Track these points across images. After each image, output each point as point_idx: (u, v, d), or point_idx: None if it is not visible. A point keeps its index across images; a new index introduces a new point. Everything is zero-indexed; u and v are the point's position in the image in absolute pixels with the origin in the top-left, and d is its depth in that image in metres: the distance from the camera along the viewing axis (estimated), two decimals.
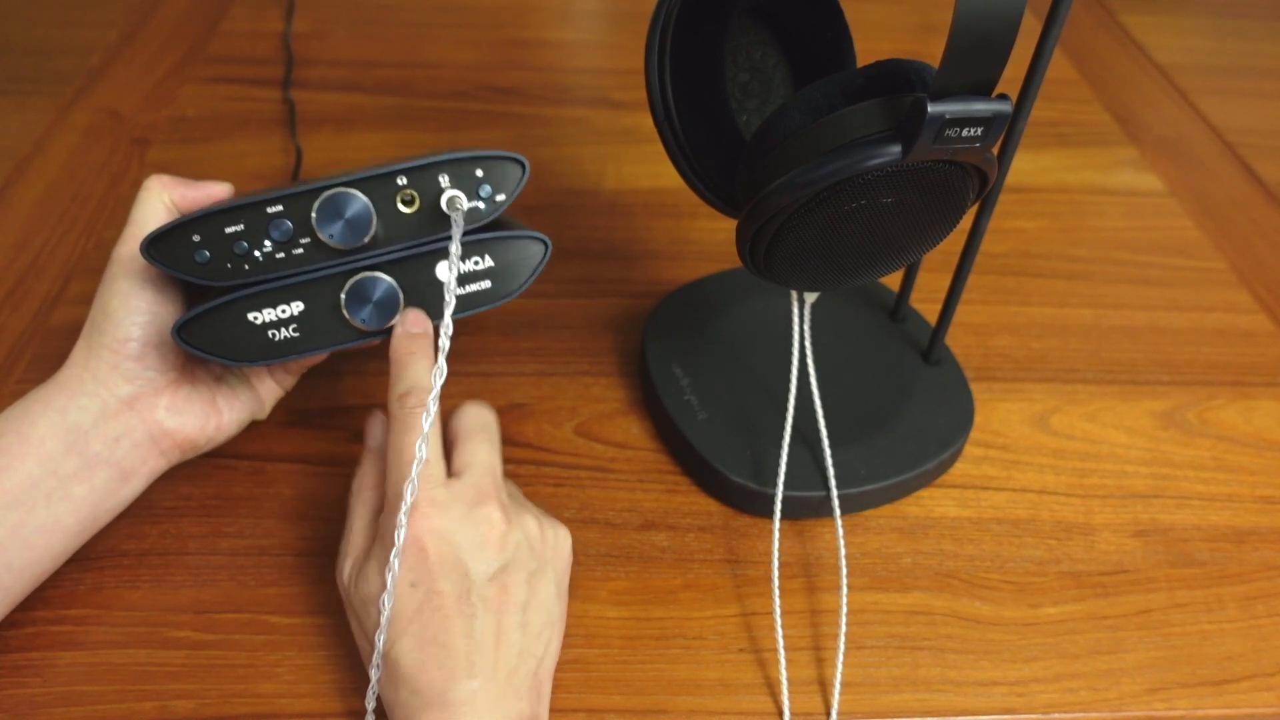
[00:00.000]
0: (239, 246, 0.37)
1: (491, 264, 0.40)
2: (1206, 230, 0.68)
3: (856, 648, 0.42)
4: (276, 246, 0.37)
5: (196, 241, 0.36)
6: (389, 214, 0.38)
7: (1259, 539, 0.48)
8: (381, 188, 0.37)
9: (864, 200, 0.34)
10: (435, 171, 0.37)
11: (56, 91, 0.73)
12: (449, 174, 0.38)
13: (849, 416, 0.48)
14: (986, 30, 0.29)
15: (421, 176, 0.37)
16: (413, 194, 0.37)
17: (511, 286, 0.41)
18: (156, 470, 0.41)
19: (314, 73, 0.77)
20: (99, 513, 0.40)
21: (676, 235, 0.64)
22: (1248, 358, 0.58)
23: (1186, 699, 0.41)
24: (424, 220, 0.38)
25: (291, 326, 0.38)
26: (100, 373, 0.39)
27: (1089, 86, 0.83)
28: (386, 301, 0.38)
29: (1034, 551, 0.47)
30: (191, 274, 0.37)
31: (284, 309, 0.38)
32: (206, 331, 0.38)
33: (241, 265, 0.37)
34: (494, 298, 0.41)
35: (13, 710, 0.38)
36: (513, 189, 0.39)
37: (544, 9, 0.89)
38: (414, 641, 0.34)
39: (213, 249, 0.37)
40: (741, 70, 0.45)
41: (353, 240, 0.37)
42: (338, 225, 0.37)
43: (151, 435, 0.40)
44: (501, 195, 0.39)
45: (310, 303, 0.38)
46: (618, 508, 0.47)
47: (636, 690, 0.40)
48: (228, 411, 0.43)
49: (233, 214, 0.36)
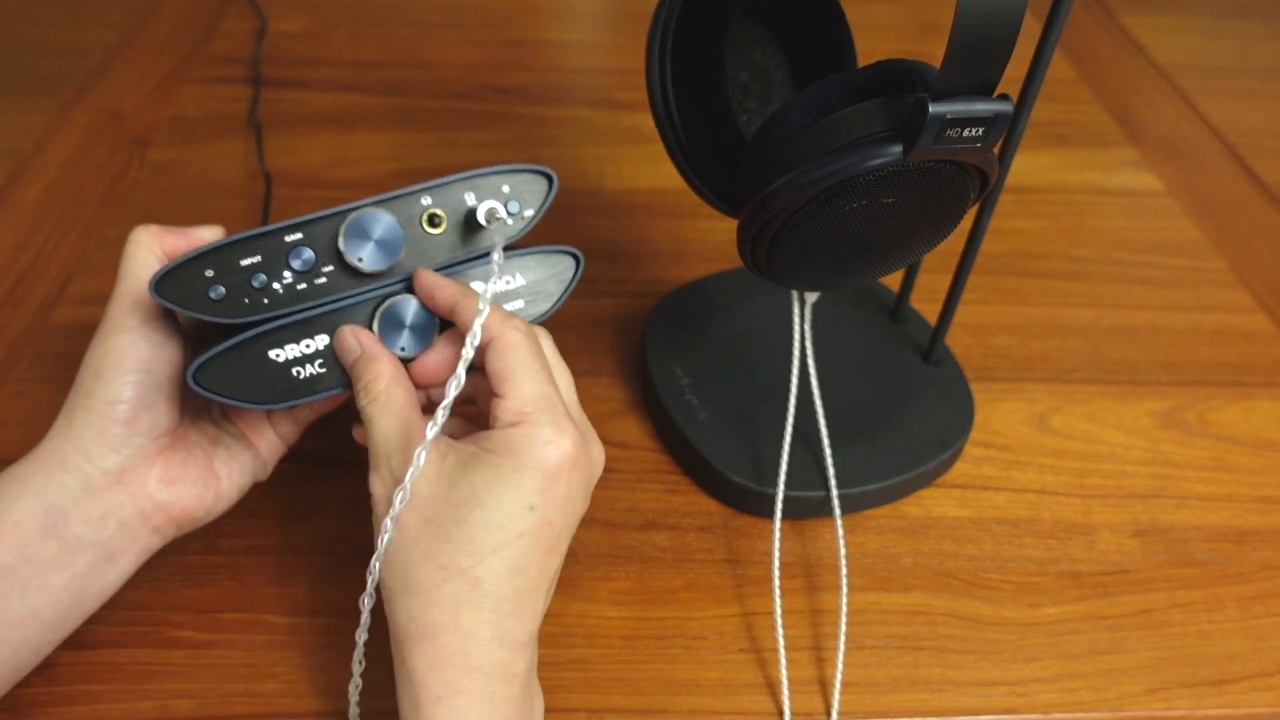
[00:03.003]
0: (257, 279, 0.34)
1: (524, 282, 0.39)
2: (1206, 230, 0.68)
3: (857, 648, 0.42)
4: (298, 277, 0.35)
5: (210, 277, 0.34)
6: (415, 236, 0.36)
7: (1259, 539, 0.48)
8: (405, 209, 0.36)
9: (865, 200, 0.34)
10: (460, 189, 0.36)
11: (57, 91, 0.73)
12: (475, 191, 0.37)
13: (849, 416, 0.48)
14: (988, 30, 0.29)
15: (446, 195, 0.36)
16: (439, 214, 0.36)
17: (545, 305, 0.40)
18: (149, 548, 0.38)
19: (313, 72, 0.77)
20: (82, 599, 0.36)
21: (676, 235, 0.64)
22: (1247, 358, 0.58)
23: (1186, 699, 0.41)
24: (451, 241, 0.37)
25: (318, 362, 0.36)
26: (84, 443, 0.35)
27: (1089, 87, 0.83)
28: (421, 325, 0.36)
29: (1034, 551, 0.47)
30: (206, 312, 0.34)
31: (308, 344, 0.36)
32: (225, 373, 0.35)
33: (261, 299, 0.35)
34: (528, 318, 0.39)
35: (13, 709, 0.38)
36: (540, 204, 0.38)
37: (544, 9, 0.89)
38: (506, 565, 0.32)
39: (228, 283, 0.34)
40: (742, 70, 0.45)
41: (383, 262, 0.35)
42: (367, 247, 0.35)
43: (142, 511, 0.36)
44: (530, 210, 0.38)
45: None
46: (618, 508, 0.47)
47: (637, 690, 0.40)
48: (227, 477, 0.39)
49: (248, 244, 0.34)
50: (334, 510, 0.46)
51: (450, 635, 0.32)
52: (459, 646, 0.32)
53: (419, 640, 0.32)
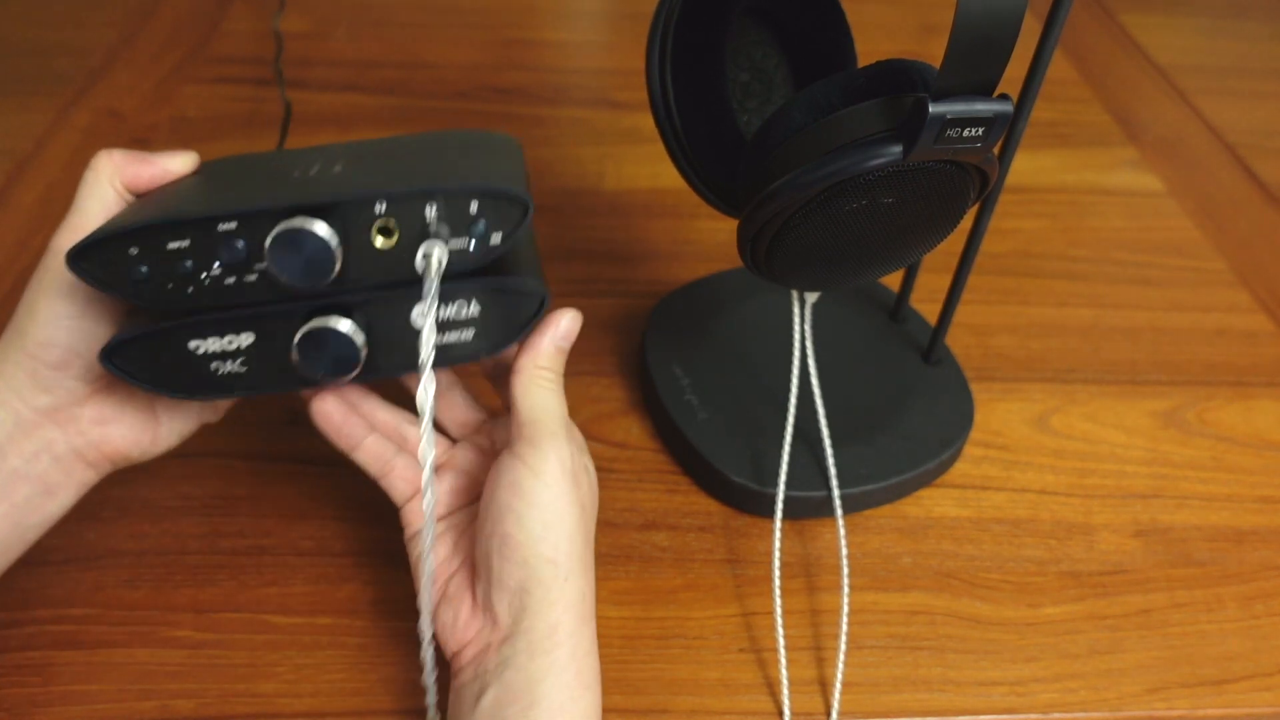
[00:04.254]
0: (183, 267, 0.31)
1: (477, 312, 0.35)
2: (1206, 230, 0.68)
3: (857, 647, 0.42)
4: (227, 271, 0.32)
5: (134, 255, 0.31)
6: (361, 245, 0.32)
7: (1259, 539, 0.48)
8: (355, 215, 0.32)
9: (865, 200, 0.34)
10: (421, 202, 0.32)
11: (57, 91, 0.73)
12: (438, 205, 0.32)
13: (849, 416, 0.48)
14: (988, 30, 0.29)
15: (405, 206, 0.32)
16: (391, 224, 0.32)
17: (498, 340, 0.36)
18: (86, 483, 0.38)
19: (314, 73, 0.77)
20: (24, 530, 0.36)
21: (676, 235, 0.64)
22: (1247, 358, 0.58)
23: (1186, 699, 0.41)
24: (402, 256, 0.33)
25: (239, 360, 0.34)
26: (16, 381, 0.35)
27: (1089, 86, 0.83)
28: (346, 351, 0.33)
29: (1034, 551, 0.47)
30: (126, 293, 0.32)
31: (231, 340, 0.33)
32: (141, 357, 0.33)
33: (185, 288, 0.32)
34: (477, 351, 0.36)
35: (13, 709, 0.38)
36: (511, 230, 0.33)
37: (544, 9, 0.89)
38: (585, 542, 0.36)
39: (153, 266, 0.31)
40: (742, 70, 0.45)
41: (309, 283, 0.32)
42: (293, 264, 0.31)
43: (75, 448, 0.36)
44: (497, 237, 0.33)
45: (263, 336, 0.34)
46: (618, 508, 0.47)
47: (637, 690, 0.40)
48: (168, 421, 0.38)
49: (179, 228, 0.31)
50: (334, 510, 0.46)
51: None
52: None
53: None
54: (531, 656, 0.34)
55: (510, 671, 0.34)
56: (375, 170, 0.35)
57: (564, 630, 0.34)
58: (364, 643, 0.41)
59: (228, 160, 0.39)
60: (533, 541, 0.34)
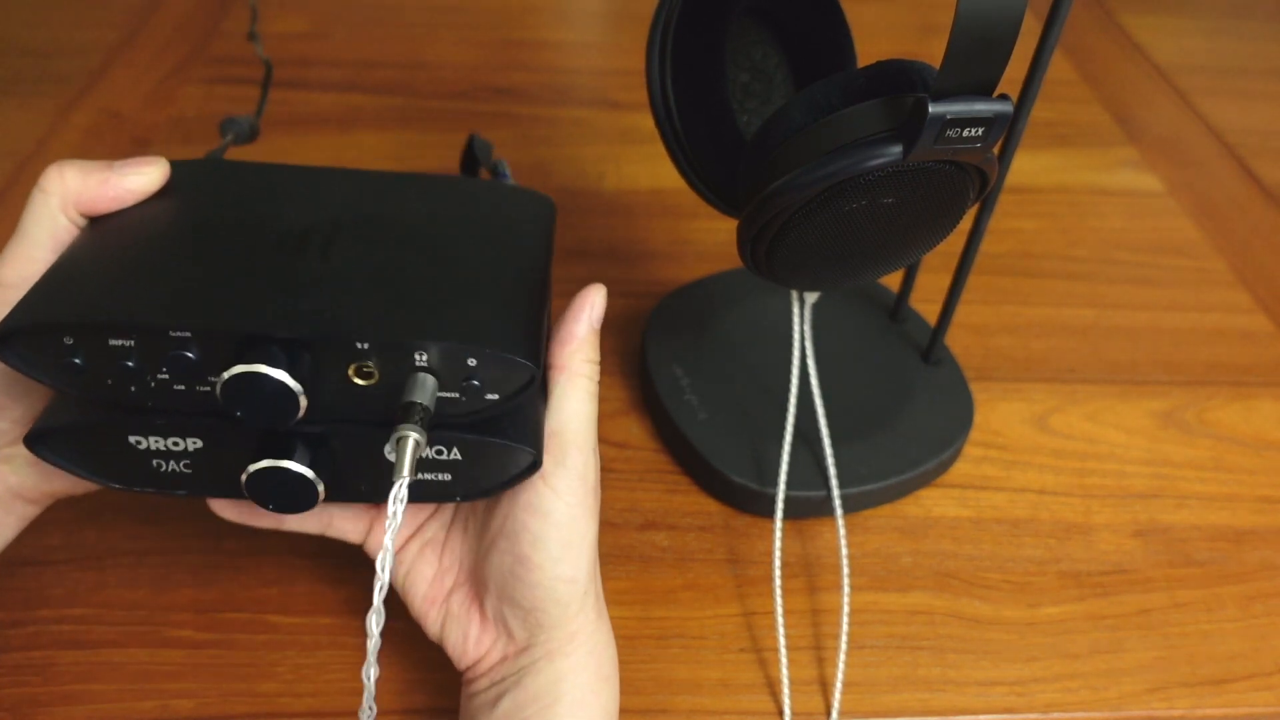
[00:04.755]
0: (125, 366, 0.27)
1: (458, 458, 0.31)
2: (1205, 230, 0.68)
3: (857, 647, 0.42)
4: (175, 379, 0.28)
5: (69, 346, 0.27)
6: (336, 381, 0.28)
7: (1258, 539, 0.48)
8: (333, 351, 0.28)
9: (865, 200, 0.34)
10: (411, 350, 0.28)
11: (58, 92, 0.73)
12: (429, 352, 0.28)
13: (849, 416, 0.48)
14: (987, 31, 0.29)
15: (390, 350, 0.28)
16: (371, 367, 0.28)
17: (477, 488, 0.32)
18: (27, 516, 0.35)
19: (314, 73, 0.77)
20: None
21: (676, 235, 0.64)
22: (1247, 358, 0.58)
23: (1186, 698, 0.41)
24: (380, 397, 0.29)
25: (184, 462, 0.30)
26: None
27: (1088, 87, 0.83)
28: (301, 491, 0.29)
29: (1033, 551, 0.47)
30: (60, 384, 0.28)
31: (177, 442, 0.29)
32: (74, 446, 0.30)
33: (127, 386, 0.28)
34: (452, 495, 0.32)
35: (14, 709, 0.38)
36: (512, 394, 0.29)
37: (544, 9, 0.89)
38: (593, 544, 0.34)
39: (90, 360, 0.27)
40: (742, 70, 0.45)
41: (269, 421, 0.28)
42: (251, 404, 0.27)
43: (11, 487, 0.33)
44: (493, 395, 0.29)
45: (212, 443, 0.30)
46: (618, 508, 0.47)
47: (637, 690, 0.40)
48: None
49: (123, 329, 0.27)
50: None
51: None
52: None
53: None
54: (551, 661, 0.33)
55: (530, 677, 0.33)
56: (368, 272, 0.30)
57: (583, 634, 0.34)
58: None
59: (203, 173, 0.34)
60: (552, 564, 0.32)
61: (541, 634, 0.33)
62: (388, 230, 0.32)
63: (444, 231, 0.33)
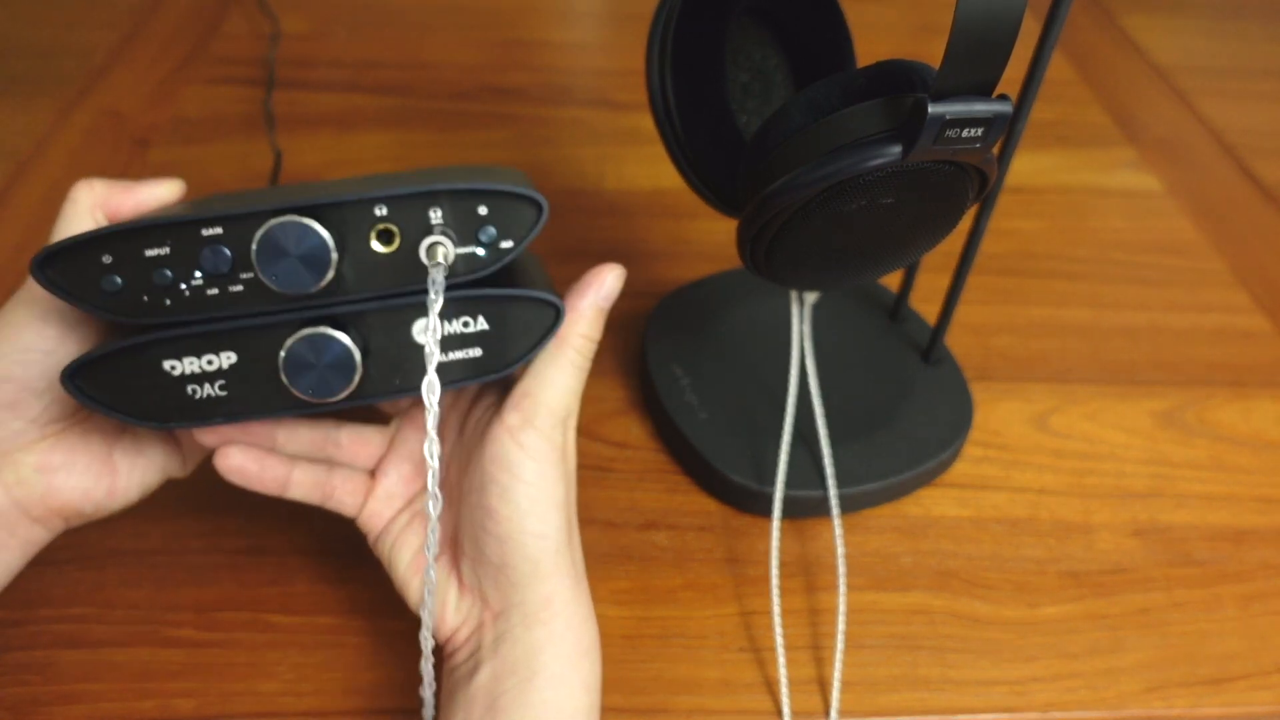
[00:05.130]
0: (161, 276, 0.29)
1: (486, 327, 0.32)
2: (1205, 231, 0.68)
3: (856, 647, 0.42)
4: (209, 280, 0.29)
5: (107, 264, 0.29)
6: (359, 251, 0.30)
7: (1257, 538, 0.48)
8: (353, 218, 0.29)
9: (864, 201, 0.34)
10: (425, 203, 0.29)
11: (58, 92, 0.73)
12: (443, 208, 0.29)
13: (849, 416, 0.48)
14: (987, 31, 0.29)
15: (407, 207, 0.29)
16: (392, 229, 0.29)
17: (509, 357, 0.33)
18: (32, 540, 0.34)
19: (314, 73, 0.77)
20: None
21: (676, 235, 0.64)
22: (1246, 358, 0.58)
23: (1185, 698, 0.41)
24: (403, 263, 0.30)
25: (218, 383, 0.31)
26: None
27: (1088, 87, 0.83)
28: (339, 366, 0.30)
29: (1033, 551, 0.47)
30: (96, 306, 0.29)
31: (211, 359, 0.30)
32: (110, 379, 0.30)
33: (162, 300, 0.29)
34: (485, 369, 0.33)
35: (14, 709, 0.38)
36: (524, 234, 0.31)
37: (544, 10, 0.89)
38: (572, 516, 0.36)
39: (127, 275, 0.29)
40: (742, 70, 0.45)
41: (303, 285, 0.29)
42: (284, 265, 0.28)
43: (16, 500, 0.33)
44: (508, 241, 0.31)
45: (246, 354, 0.31)
46: (618, 507, 0.47)
47: (636, 689, 0.40)
48: (127, 472, 0.35)
49: (157, 232, 0.28)
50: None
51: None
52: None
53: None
54: (528, 628, 0.33)
55: (506, 645, 0.33)
56: (375, 180, 0.33)
57: (559, 600, 0.33)
58: (364, 643, 0.41)
59: (218, 194, 0.37)
60: (520, 516, 0.33)
61: (515, 594, 0.33)
62: (388, 175, 0.34)
63: (437, 170, 0.36)
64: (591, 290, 0.35)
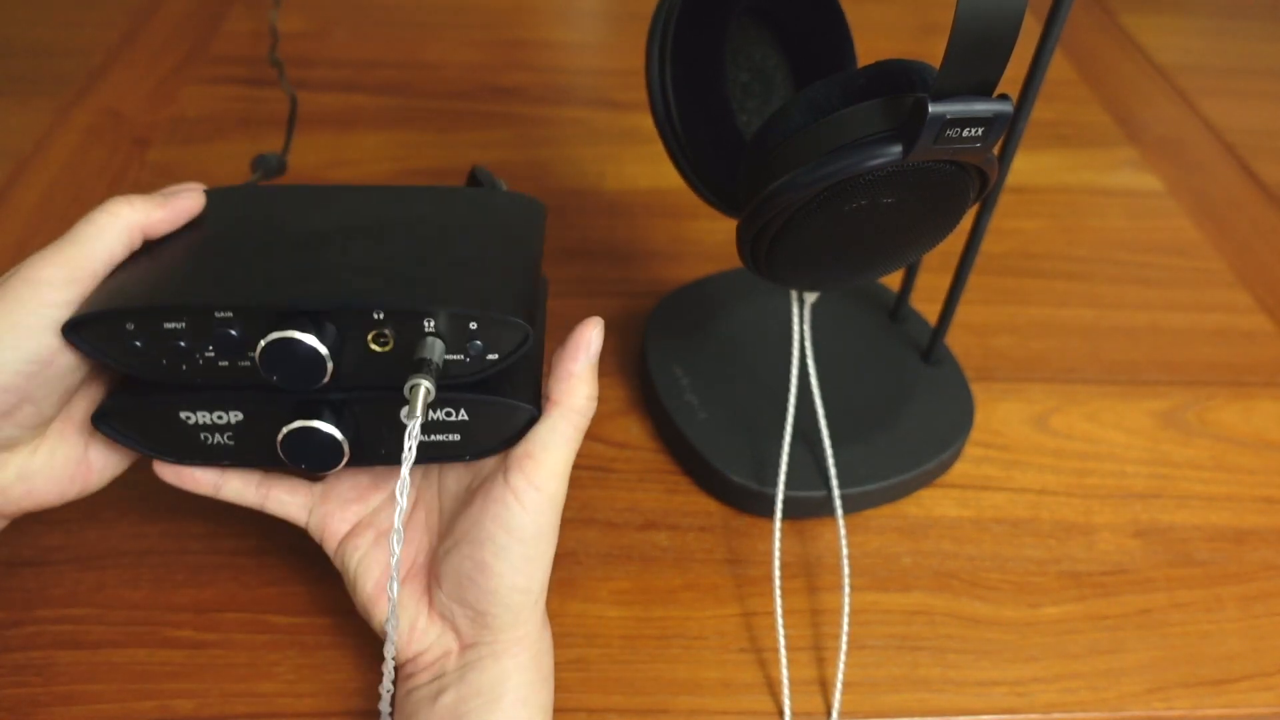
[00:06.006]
0: (177, 345, 0.32)
1: (465, 419, 0.35)
2: (1206, 230, 0.68)
3: (857, 647, 0.42)
4: (220, 354, 0.32)
5: (130, 330, 0.31)
6: (356, 349, 0.32)
7: (1259, 539, 0.48)
8: (352, 320, 0.32)
9: (865, 200, 0.34)
10: (419, 316, 0.32)
11: (57, 92, 0.73)
12: (437, 319, 0.32)
13: (849, 416, 0.48)
14: (987, 30, 0.29)
15: (401, 318, 0.31)
16: (387, 334, 0.32)
17: (483, 447, 0.35)
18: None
19: (314, 73, 0.77)
20: None
21: (676, 235, 0.64)
22: (1247, 358, 0.58)
23: (1186, 699, 0.41)
24: (396, 363, 0.32)
25: (227, 434, 0.34)
26: None
27: (1089, 87, 0.83)
28: (329, 448, 0.33)
29: (1034, 551, 0.47)
30: (119, 364, 0.32)
31: (220, 415, 0.34)
32: (133, 422, 0.34)
33: (178, 364, 0.32)
34: (461, 454, 0.35)
35: (13, 709, 0.38)
36: (509, 353, 0.33)
37: (544, 10, 0.89)
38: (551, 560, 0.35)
39: (147, 342, 0.32)
40: (742, 70, 0.45)
41: (301, 387, 0.32)
42: (284, 369, 0.31)
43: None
44: (493, 355, 0.33)
45: (251, 416, 0.34)
46: (618, 508, 0.47)
47: (637, 690, 0.40)
48: (101, 469, 0.36)
49: (176, 313, 0.31)
50: None
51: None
52: None
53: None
54: (497, 660, 0.34)
55: (474, 674, 0.34)
56: (381, 260, 0.34)
57: (529, 639, 0.35)
58: (364, 643, 0.41)
59: (232, 197, 0.38)
60: (511, 573, 0.33)
61: (488, 634, 0.34)
62: (395, 229, 0.36)
63: (445, 227, 0.37)
64: (581, 352, 0.35)
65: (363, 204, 0.37)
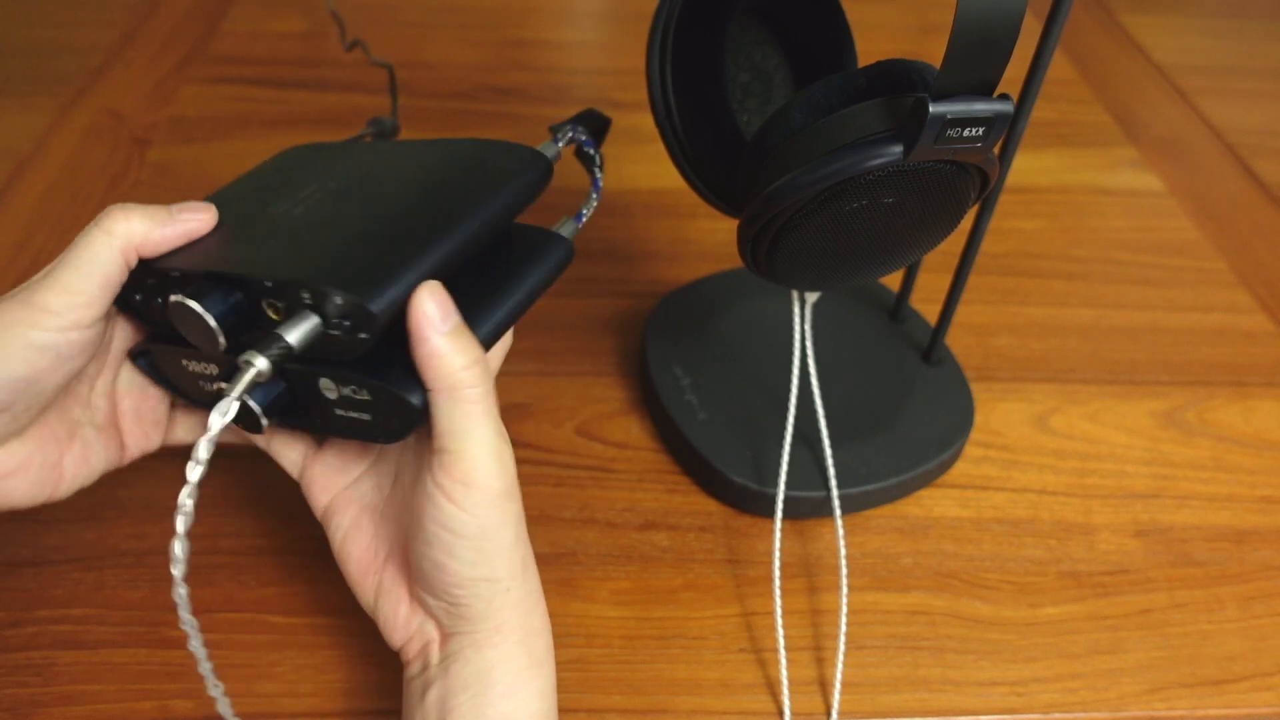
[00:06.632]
0: (153, 301, 0.34)
1: (368, 398, 0.33)
2: (1206, 230, 0.68)
3: (857, 648, 0.42)
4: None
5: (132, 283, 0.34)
6: (262, 316, 0.32)
7: (1259, 539, 0.48)
8: (249, 289, 0.31)
9: (865, 200, 0.34)
10: (297, 288, 0.30)
11: (57, 91, 0.73)
12: (310, 294, 0.30)
13: (849, 416, 0.48)
14: (988, 30, 0.29)
15: (284, 290, 0.31)
16: (279, 305, 0.31)
17: (391, 430, 0.33)
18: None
19: (314, 73, 0.77)
20: None
21: (676, 235, 0.64)
22: (1247, 358, 0.58)
23: (1186, 699, 0.41)
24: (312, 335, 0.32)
25: (214, 382, 0.36)
26: None
27: (1089, 87, 0.83)
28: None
29: (1034, 551, 0.47)
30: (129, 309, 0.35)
31: (205, 366, 0.36)
32: (156, 365, 0.37)
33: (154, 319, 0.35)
34: (374, 436, 0.34)
35: (13, 709, 0.38)
36: (375, 332, 0.30)
37: (544, 9, 0.89)
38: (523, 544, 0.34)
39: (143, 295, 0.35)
40: (742, 70, 0.45)
41: (209, 347, 0.32)
42: (188, 329, 0.31)
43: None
44: (364, 335, 0.30)
45: (223, 368, 0.36)
46: (618, 508, 0.47)
47: (637, 690, 0.40)
48: (72, 477, 0.36)
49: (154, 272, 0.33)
50: None
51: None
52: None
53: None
54: (478, 650, 0.33)
55: (457, 665, 0.33)
56: (325, 226, 0.33)
57: (510, 625, 0.33)
58: (364, 643, 0.41)
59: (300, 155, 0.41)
60: (469, 568, 0.32)
61: (465, 624, 0.33)
62: (361, 190, 0.36)
63: (406, 189, 0.36)
64: (427, 330, 0.30)
65: (364, 160, 0.39)
